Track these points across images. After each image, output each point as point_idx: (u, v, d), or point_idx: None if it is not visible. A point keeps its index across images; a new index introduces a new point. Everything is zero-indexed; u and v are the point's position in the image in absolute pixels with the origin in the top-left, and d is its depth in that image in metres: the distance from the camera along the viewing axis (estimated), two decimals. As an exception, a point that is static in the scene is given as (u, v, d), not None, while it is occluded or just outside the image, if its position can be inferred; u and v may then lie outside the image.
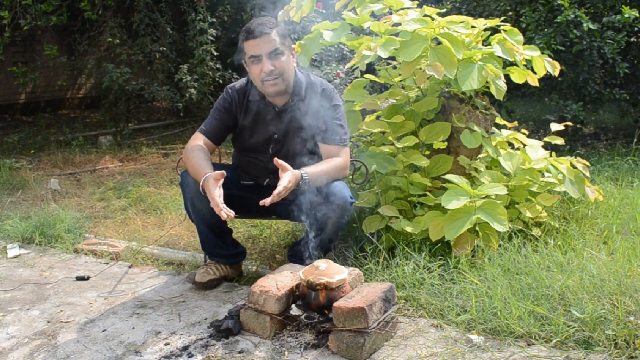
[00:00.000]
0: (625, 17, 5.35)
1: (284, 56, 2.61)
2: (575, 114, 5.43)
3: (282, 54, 2.60)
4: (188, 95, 6.58)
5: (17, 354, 2.26)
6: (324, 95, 2.71)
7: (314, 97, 2.70)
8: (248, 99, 2.74)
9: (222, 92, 2.82)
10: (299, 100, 2.70)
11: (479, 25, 3.20)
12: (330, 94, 2.73)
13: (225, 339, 2.29)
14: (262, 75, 2.59)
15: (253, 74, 2.64)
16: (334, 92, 2.75)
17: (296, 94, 2.70)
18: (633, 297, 2.28)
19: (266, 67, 2.57)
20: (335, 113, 2.71)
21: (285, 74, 2.62)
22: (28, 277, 3.06)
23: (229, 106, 2.75)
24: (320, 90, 2.72)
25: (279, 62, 2.59)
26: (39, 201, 4.51)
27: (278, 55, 2.59)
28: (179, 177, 2.77)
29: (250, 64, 2.62)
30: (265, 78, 2.59)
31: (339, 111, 2.73)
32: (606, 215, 3.37)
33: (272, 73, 2.58)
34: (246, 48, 2.60)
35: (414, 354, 2.16)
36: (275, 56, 2.58)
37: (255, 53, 2.57)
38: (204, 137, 2.72)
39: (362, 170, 3.07)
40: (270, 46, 2.56)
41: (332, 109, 2.71)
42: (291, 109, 2.70)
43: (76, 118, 8.43)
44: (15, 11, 6.24)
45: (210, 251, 2.90)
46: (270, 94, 2.66)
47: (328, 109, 2.70)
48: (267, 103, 2.72)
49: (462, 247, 2.77)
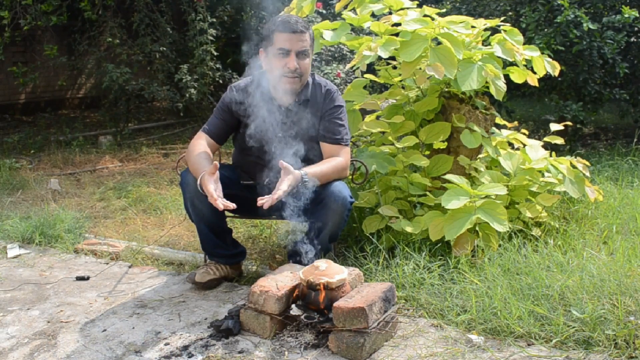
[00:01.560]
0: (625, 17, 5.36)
1: (309, 59, 2.65)
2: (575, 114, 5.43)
3: (308, 56, 2.64)
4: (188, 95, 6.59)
5: (17, 354, 2.26)
6: (328, 95, 2.74)
7: (318, 97, 2.73)
8: (253, 97, 2.74)
9: (222, 92, 2.82)
10: (305, 99, 2.71)
11: (479, 25, 3.20)
12: (334, 94, 2.76)
13: (225, 339, 2.29)
14: (285, 70, 2.60)
15: (274, 66, 2.63)
16: (337, 93, 2.79)
17: (302, 94, 2.71)
18: (633, 297, 2.28)
19: (292, 64, 2.58)
20: (338, 113, 2.74)
21: (304, 75, 2.66)
22: (28, 277, 3.06)
23: (232, 105, 2.74)
24: (325, 90, 2.75)
25: (303, 63, 2.62)
26: (39, 201, 4.51)
27: (305, 57, 2.62)
28: (179, 177, 2.77)
29: (275, 56, 2.61)
30: (287, 74, 2.60)
31: (341, 112, 2.76)
32: (606, 215, 3.37)
33: (295, 71, 2.60)
34: (277, 39, 2.59)
35: (414, 354, 2.16)
36: (303, 56, 2.61)
37: (285, 47, 2.58)
38: (206, 137, 2.73)
39: (362, 170, 3.07)
40: (301, 45, 2.59)
41: (335, 109, 2.74)
42: (296, 109, 2.71)
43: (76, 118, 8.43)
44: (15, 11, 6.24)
45: (210, 251, 2.90)
46: (284, 90, 2.67)
47: (331, 109, 2.72)
48: (273, 102, 2.71)
49: (462, 247, 2.77)
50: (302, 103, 2.71)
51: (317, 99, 2.72)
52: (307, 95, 2.72)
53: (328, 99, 2.73)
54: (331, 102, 2.73)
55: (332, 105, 2.73)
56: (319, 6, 5.88)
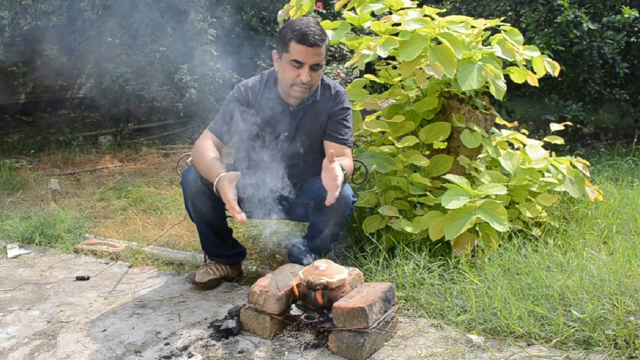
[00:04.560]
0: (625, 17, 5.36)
1: (321, 69, 2.64)
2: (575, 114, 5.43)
3: (321, 67, 2.63)
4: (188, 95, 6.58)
5: (17, 354, 2.26)
6: (337, 97, 2.76)
7: (327, 99, 2.74)
8: (261, 97, 2.73)
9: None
10: (313, 101, 2.71)
11: (479, 25, 3.20)
12: (342, 96, 2.77)
13: (225, 339, 2.29)
14: (297, 81, 2.59)
15: (286, 75, 2.61)
16: (345, 95, 2.80)
17: (311, 96, 2.71)
18: (633, 297, 2.28)
19: (305, 77, 2.57)
20: (345, 115, 2.76)
21: (315, 85, 2.67)
22: (28, 277, 3.06)
23: (239, 104, 2.72)
24: (335, 92, 2.76)
25: (315, 75, 2.61)
26: (39, 201, 4.51)
27: (318, 69, 2.61)
28: (178, 177, 2.76)
29: (289, 64, 2.59)
30: (298, 84, 2.60)
31: (348, 114, 2.78)
32: (606, 215, 3.37)
33: (306, 83, 2.59)
34: (293, 49, 2.55)
35: (414, 354, 2.16)
36: (317, 68, 2.60)
37: (301, 59, 2.55)
38: (213, 136, 2.70)
39: (362, 170, 3.07)
40: (317, 59, 2.57)
41: (343, 111, 2.75)
42: (304, 109, 2.71)
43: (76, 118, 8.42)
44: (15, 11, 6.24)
45: (210, 251, 2.90)
46: (293, 97, 2.68)
47: (339, 110, 2.74)
48: (281, 102, 2.71)
49: (462, 247, 2.77)
50: (310, 104, 2.71)
51: (325, 100, 2.73)
52: (317, 96, 2.72)
53: (337, 100, 2.75)
54: (340, 103, 2.75)
55: (341, 106, 2.75)
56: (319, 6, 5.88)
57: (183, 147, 6.53)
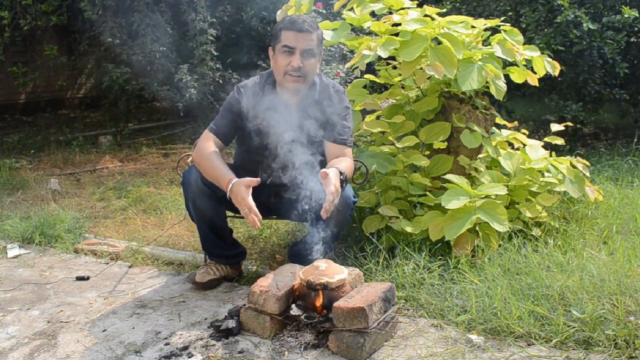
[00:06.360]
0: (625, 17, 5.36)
1: (314, 59, 2.64)
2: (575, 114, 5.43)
3: (313, 56, 2.63)
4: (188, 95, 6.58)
5: (17, 354, 2.26)
6: (336, 96, 2.75)
7: (327, 98, 2.73)
8: (261, 97, 2.73)
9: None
10: (313, 100, 2.71)
11: (479, 25, 3.20)
12: (341, 96, 2.77)
13: (225, 339, 2.29)
14: (288, 68, 2.60)
15: (279, 64, 2.63)
16: (344, 94, 2.79)
17: (310, 94, 2.71)
18: (633, 297, 2.28)
19: (296, 62, 2.58)
20: (345, 115, 2.75)
21: (309, 75, 2.65)
22: (28, 277, 3.06)
23: (239, 105, 2.72)
24: (334, 92, 2.75)
25: (308, 63, 2.61)
26: (39, 201, 4.51)
27: (310, 57, 2.61)
28: (179, 177, 2.76)
29: (280, 53, 2.61)
30: (290, 72, 2.60)
31: (348, 113, 2.77)
32: (606, 215, 3.37)
33: (298, 70, 2.59)
34: (283, 36, 2.59)
35: (414, 354, 2.16)
36: (308, 56, 2.60)
37: (291, 44, 2.57)
38: (214, 137, 2.69)
39: (362, 170, 3.07)
40: (307, 44, 2.58)
41: (343, 111, 2.74)
42: (304, 109, 2.71)
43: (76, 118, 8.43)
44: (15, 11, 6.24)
45: (210, 251, 2.90)
46: (288, 89, 2.67)
47: (340, 110, 2.73)
48: (280, 102, 2.71)
49: (462, 247, 2.77)
50: (309, 103, 2.71)
51: (325, 100, 2.72)
52: (315, 96, 2.72)
53: (337, 100, 2.74)
54: (340, 102, 2.74)
55: (341, 106, 2.74)
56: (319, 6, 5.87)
57: (183, 147, 6.52)
